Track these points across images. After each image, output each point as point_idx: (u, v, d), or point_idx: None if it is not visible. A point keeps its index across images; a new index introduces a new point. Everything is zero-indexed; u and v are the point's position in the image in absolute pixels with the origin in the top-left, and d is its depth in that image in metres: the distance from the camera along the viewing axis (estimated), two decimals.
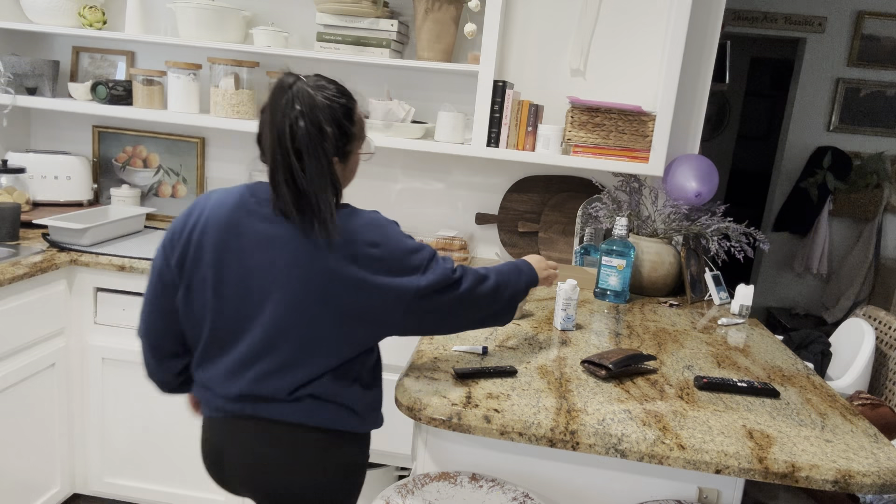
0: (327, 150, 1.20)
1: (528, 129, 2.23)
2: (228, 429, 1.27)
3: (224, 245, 1.22)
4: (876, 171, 4.31)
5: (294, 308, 1.19)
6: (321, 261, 1.18)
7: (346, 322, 1.21)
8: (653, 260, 2.19)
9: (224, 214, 1.23)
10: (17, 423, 1.99)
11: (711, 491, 1.34)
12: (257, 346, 1.22)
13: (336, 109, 1.26)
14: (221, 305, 1.23)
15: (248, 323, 1.22)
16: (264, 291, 1.20)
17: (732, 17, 4.48)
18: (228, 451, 1.28)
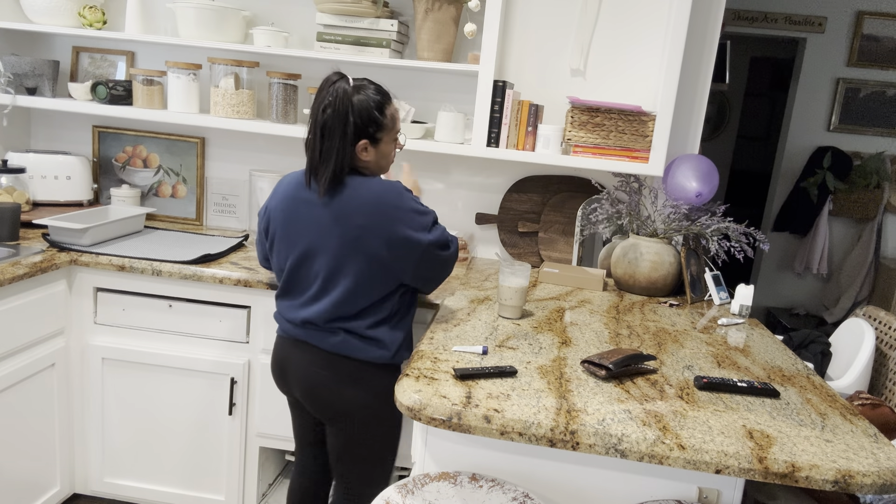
0: (346, 135, 1.53)
1: (528, 129, 2.23)
2: (290, 347, 1.68)
3: (290, 214, 1.61)
4: (876, 171, 4.30)
5: (337, 259, 1.56)
6: (355, 219, 1.54)
7: (371, 268, 1.56)
8: (653, 260, 2.19)
9: (288, 190, 1.63)
10: (17, 423, 1.99)
11: (711, 491, 1.34)
12: (313, 288, 1.61)
13: (368, 104, 1.55)
14: (289, 258, 1.62)
15: (308, 270, 1.61)
16: (317, 247, 1.58)
17: (732, 17, 4.48)
18: (290, 367, 1.67)
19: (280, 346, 1.71)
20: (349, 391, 1.63)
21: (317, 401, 1.65)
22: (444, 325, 1.71)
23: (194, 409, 2.18)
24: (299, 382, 1.66)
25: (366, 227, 1.53)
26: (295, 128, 2.35)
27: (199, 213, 2.71)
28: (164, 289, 2.12)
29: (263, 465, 2.29)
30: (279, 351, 1.71)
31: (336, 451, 1.71)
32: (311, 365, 1.63)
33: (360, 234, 1.54)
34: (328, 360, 1.62)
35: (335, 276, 1.57)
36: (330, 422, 1.68)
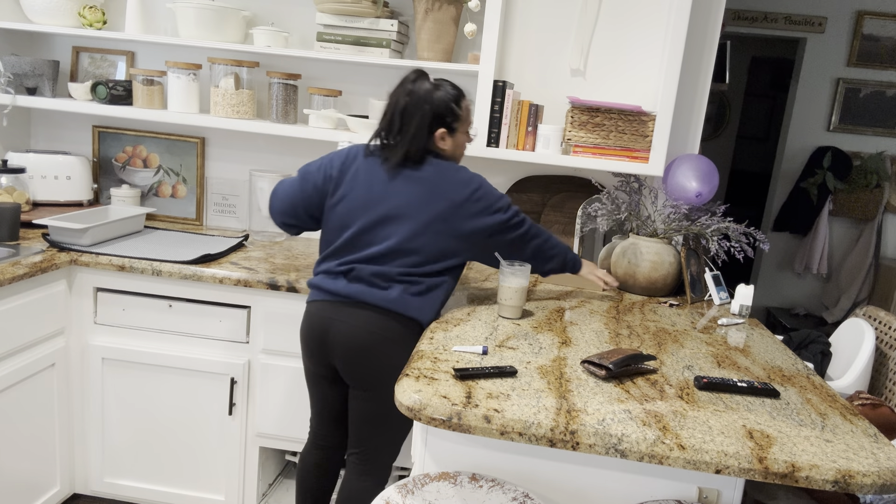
0: (424, 120, 1.71)
1: (528, 129, 2.23)
2: (333, 310, 1.73)
3: (370, 180, 1.74)
4: (876, 171, 4.31)
5: (416, 225, 1.70)
6: (447, 195, 1.71)
7: (453, 240, 1.73)
8: (653, 260, 2.19)
9: (366, 160, 1.77)
10: (17, 422, 1.99)
11: (711, 491, 1.34)
12: (379, 247, 1.71)
13: (446, 97, 1.74)
14: (360, 220, 1.73)
15: (379, 233, 1.72)
16: (397, 213, 1.71)
17: (732, 17, 4.48)
18: (333, 329, 1.72)
19: (321, 309, 1.74)
20: (395, 351, 1.71)
21: (361, 361, 1.70)
22: (444, 325, 1.71)
23: (194, 409, 2.18)
24: (344, 342, 1.70)
25: (451, 206, 1.71)
26: (295, 128, 2.35)
27: (199, 213, 2.72)
28: (164, 289, 2.12)
29: (263, 465, 2.29)
30: (321, 313, 1.74)
31: (363, 416, 1.76)
32: (366, 322, 1.69)
33: (445, 210, 1.70)
34: (381, 317, 1.70)
35: (411, 240, 1.69)
36: (366, 385, 1.73)
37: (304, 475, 1.94)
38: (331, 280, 1.74)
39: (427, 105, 1.70)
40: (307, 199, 1.81)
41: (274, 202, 1.86)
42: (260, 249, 2.41)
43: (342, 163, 1.79)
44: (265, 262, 2.23)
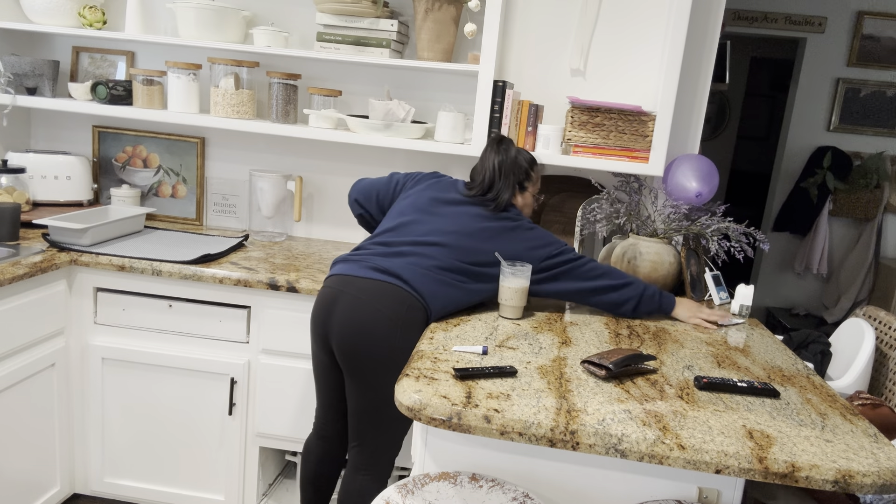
0: (517, 177, 1.94)
1: (528, 129, 2.23)
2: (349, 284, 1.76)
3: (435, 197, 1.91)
4: (876, 171, 4.31)
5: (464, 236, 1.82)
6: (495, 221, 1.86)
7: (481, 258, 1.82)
8: (653, 260, 2.19)
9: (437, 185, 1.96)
10: (17, 423, 1.99)
11: (711, 491, 1.34)
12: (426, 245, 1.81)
13: (524, 163, 1.97)
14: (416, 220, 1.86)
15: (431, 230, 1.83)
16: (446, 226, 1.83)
17: (732, 17, 4.48)
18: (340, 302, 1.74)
19: (334, 282, 1.78)
20: (394, 336, 1.70)
21: (356, 341, 1.70)
22: (444, 325, 1.71)
23: (194, 409, 2.18)
24: (345, 317, 1.71)
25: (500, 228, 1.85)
26: (295, 128, 2.35)
27: (199, 213, 2.72)
28: (164, 289, 2.12)
29: (263, 465, 2.29)
30: (333, 285, 1.77)
31: (359, 408, 1.75)
32: (369, 297, 1.71)
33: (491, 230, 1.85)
34: (390, 297, 1.71)
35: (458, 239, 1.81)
36: (360, 373, 1.72)
37: (307, 465, 1.94)
38: (358, 252, 1.84)
39: (520, 163, 1.94)
40: (385, 190, 2.02)
41: (357, 185, 2.08)
42: (260, 249, 2.41)
43: (427, 176, 2.00)
44: (265, 262, 2.23)
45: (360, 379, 1.73)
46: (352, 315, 1.70)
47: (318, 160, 2.65)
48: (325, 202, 2.67)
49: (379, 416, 1.76)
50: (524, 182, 1.96)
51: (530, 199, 2.01)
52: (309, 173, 2.66)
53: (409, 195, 1.94)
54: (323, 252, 2.46)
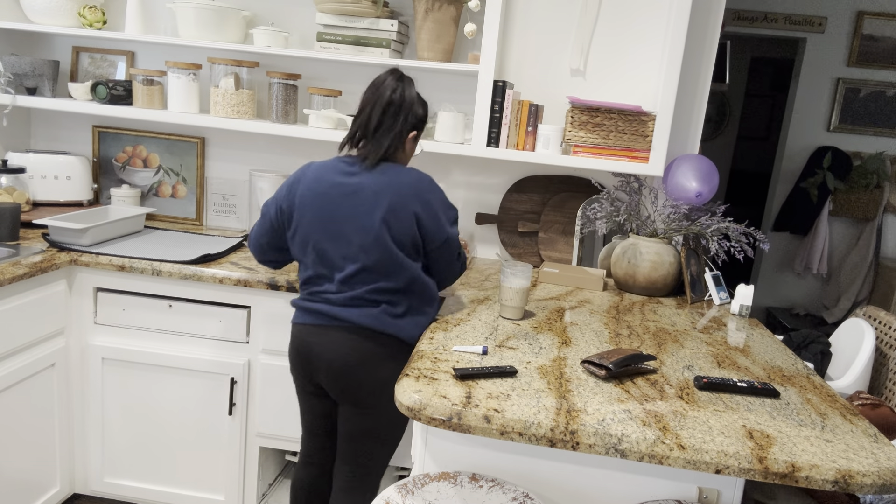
0: (407, 120, 1.71)
1: (528, 129, 2.23)
2: (317, 331, 1.71)
3: (327, 198, 1.68)
4: (876, 171, 4.30)
5: (377, 233, 1.64)
6: (396, 196, 1.65)
7: (406, 240, 1.66)
8: (653, 260, 2.19)
9: (322, 175, 1.71)
10: (17, 423, 1.99)
11: (711, 491, 1.34)
12: (351, 266, 1.67)
13: (423, 102, 1.78)
14: (324, 241, 1.68)
15: (346, 249, 1.67)
16: (358, 225, 1.65)
17: (732, 17, 4.48)
18: (317, 350, 1.70)
19: (304, 332, 1.73)
20: (383, 368, 1.69)
21: (347, 380, 1.69)
22: (444, 325, 1.71)
23: (194, 409, 2.18)
24: (330, 364, 1.69)
25: (404, 203, 1.65)
26: (295, 128, 2.35)
27: (199, 213, 2.72)
28: (164, 289, 2.12)
29: (263, 465, 2.29)
30: (303, 336, 1.73)
31: (355, 432, 1.75)
32: (345, 344, 1.68)
33: (399, 209, 1.65)
34: (364, 337, 1.68)
35: (374, 250, 1.65)
36: (355, 401, 1.71)
37: (297, 494, 1.91)
38: (310, 302, 1.72)
39: (415, 107, 1.72)
40: (278, 232, 1.78)
41: (250, 243, 1.86)
42: None
43: (297, 183, 1.73)
44: None
45: (355, 405, 1.73)
46: (333, 362, 1.69)
47: (318, 160, 2.65)
48: None
49: (375, 438, 1.75)
50: (420, 129, 1.78)
51: (414, 147, 1.84)
52: None
53: (296, 227, 1.72)
54: None
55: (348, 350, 1.68)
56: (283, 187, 1.77)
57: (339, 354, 1.68)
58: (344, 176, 1.69)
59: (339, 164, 1.73)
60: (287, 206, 1.73)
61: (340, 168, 1.71)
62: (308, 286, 1.74)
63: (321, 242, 1.69)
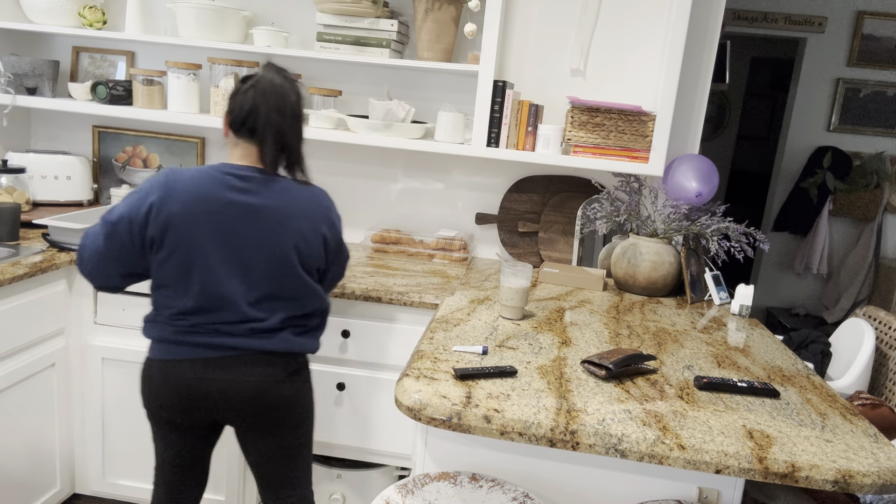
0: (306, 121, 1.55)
1: (528, 129, 2.24)
2: (218, 367, 1.51)
3: (213, 216, 1.46)
4: (876, 171, 4.31)
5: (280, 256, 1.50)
6: (302, 214, 1.52)
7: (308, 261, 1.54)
8: (653, 260, 2.19)
9: (204, 191, 1.47)
10: (17, 423, 1.99)
11: (711, 491, 1.34)
12: (254, 292, 1.50)
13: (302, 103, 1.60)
14: (217, 268, 1.47)
15: (247, 274, 1.49)
16: (258, 246, 1.49)
17: (732, 17, 4.48)
18: (224, 389, 1.51)
19: (190, 369, 1.50)
20: (292, 386, 1.57)
21: (267, 410, 1.54)
22: (444, 325, 1.71)
23: None
24: (241, 398, 1.51)
25: (314, 227, 1.54)
26: None
27: None
28: None
29: None
30: (191, 373, 1.50)
31: (293, 450, 1.63)
32: (254, 373, 1.51)
33: (309, 233, 1.53)
34: (270, 363, 1.53)
35: (280, 277, 1.50)
36: (277, 428, 1.58)
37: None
38: (197, 335, 1.50)
39: (302, 107, 1.56)
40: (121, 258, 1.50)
41: (84, 266, 1.53)
42: None
43: (169, 199, 1.46)
44: None
45: (276, 431, 1.59)
46: (245, 389, 1.51)
47: (318, 160, 2.65)
48: None
49: (308, 449, 1.69)
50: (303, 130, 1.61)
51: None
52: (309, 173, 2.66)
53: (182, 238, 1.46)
54: None
55: (259, 379, 1.52)
56: (140, 201, 1.46)
57: (250, 385, 1.51)
58: (237, 193, 1.47)
59: (226, 177, 1.48)
60: (157, 227, 1.45)
61: (229, 182, 1.48)
62: (187, 317, 1.49)
63: (212, 269, 1.46)
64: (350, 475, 2.21)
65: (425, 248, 2.49)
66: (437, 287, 2.11)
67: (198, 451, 1.65)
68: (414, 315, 2.04)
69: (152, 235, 1.46)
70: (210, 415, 1.55)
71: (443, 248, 2.49)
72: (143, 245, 1.48)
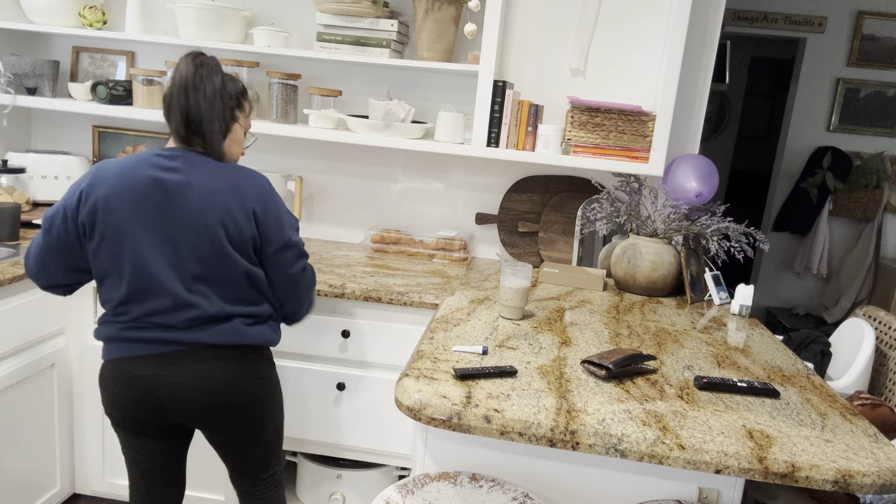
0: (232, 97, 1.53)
1: (528, 129, 2.24)
2: (165, 365, 1.48)
3: (141, 200, 1.44)
4: (876, 171, 4.31)
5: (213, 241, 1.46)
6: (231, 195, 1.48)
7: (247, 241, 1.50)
8: (653, 260, 2.19)
9: (134, 174, 1.45)
10: (17, 423, 1.99)
11: (711, 491, 1.34)
12: (192, 283, 1.46)
13: (235, 79, 1.58)
14: (149, 254, 1.44)
15: (179, 261, 1.46)
16: (186, 232, 1.45)
17: (732, 17, 4.48)
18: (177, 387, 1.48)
19: (137, 366, 1.47)
20: (252, 381, 1.54)
21: (221, 408, 1.51)
22: (444, 325, 1.71)
23: None
24: (191, 396, 1.48)
25: (242, 200, 1.48)
26: (295, 128, 2.35)
27: None
28: None
29: None
30: (138, 371, 1.47)
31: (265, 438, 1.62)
32: (204, 369, 1.48)
33: (236, 207, 1.47)
34: (223, 356, 1.49)
35: (210, 257, 1.46)
36: (234, 426, 1.56)
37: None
38: (138, 331, 1.47)
39: (227, 83, 1.51)
40: (71, 247, 1.49)
41: (29, 268, 1.54)
42: None
43: (97, 185, 1.45)
44: None
45: (233, 429, 1.57)
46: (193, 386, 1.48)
47: (319, 160, 2.65)
48: (325, 202, 2.67)
49: (277, 438, 1.67)
50: (235, 109, 1.55)
51: (240, 136, 1.61)
52: (309, 173, 2.66)
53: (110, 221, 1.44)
54: (323, 252, 2.46)
55: (213, 374, 1.48)
56: (72, 191, 1.47)
57: (202, 381, 1.47)
58: (161, 171, 1.45)
59: (153, 157, 1.48)
60: (86, 213, 1.44)
61: (155, 162, 1.47)
62: (126, 308, 1.46)
63: (140, 249, 1.43)
64: (350, 475, 2.21)
65: (425, 248, 2.49)
66: (437, 287, 2.11)
67: (166, 457, 1.61)
68: (414, 315, 2.04)
69: (83, 222, 1.45)
70: (163, 414, 1.51)
71: (443, 248, 2.49)
72: (78, 235, 1.47)
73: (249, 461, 1.64)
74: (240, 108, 1.57)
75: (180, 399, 1.48)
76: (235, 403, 1.53)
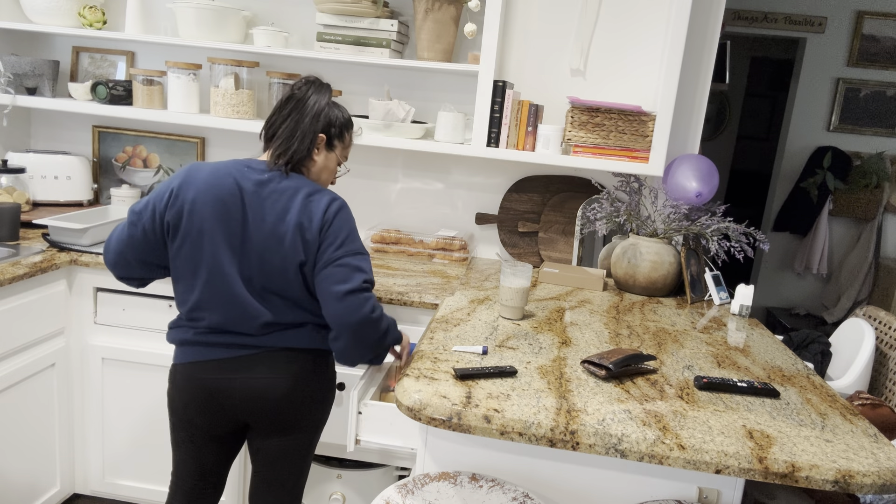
0: (319, 119, 1.56)
1: (528, 129, 2.23)
2: (228, 369, 1.52)
3: (222, 208, 1.47)
4: (876, 171, 4.30)
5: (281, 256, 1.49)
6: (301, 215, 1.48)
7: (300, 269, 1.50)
8: (653, 260, 2.19)
9: (222, 179, 1.49)
10: (17, 423, 1.99)
11: (711, 491, 1.34)
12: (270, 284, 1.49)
13: (341, 111, 1.63)
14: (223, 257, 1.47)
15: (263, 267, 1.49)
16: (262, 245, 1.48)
17: (732, 17, 4.48)
18: (237, 389, 1.52)
19: (211, 370, 1.52)
20: (313, 385, 1.58)
21: (286, 409, 1.55)
22: (444, 325, 1.71)
23: None
24: (265, 397, 1.53)
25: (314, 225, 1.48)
26: None
27: None
28: (164, 289, 2.12)
29: None
30: (212, 375, 1.52)
31: (280, 458, 1.62)
32: (275, 369, 1.52)
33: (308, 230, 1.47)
34: (291, 359, 1.54)
35: (284, 275, 1.49)
36: (289, 429, 1.59)
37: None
38: (214, 335, 1.52)
39: (325, 108, 1.56)
40: (142, 247, 1.52)
41: (108, 256, 1.56)
42: None
43: (173, 195, 1.48)
44: None
45: (287, 431, 1.60)
46: (268, 387, 1.52)
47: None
48: None
49: (309, 455, 1.67)
50: (332, 137, 1.59)
51: (333, 164, 1.64)
52: None
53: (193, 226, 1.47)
54: None
55: (281, 375, 1.53)
56: (164, 187, 1.51)
57: (272, 383, 1.52)
58: (249, 183, 1.49)
59: (244, 168, 1.51)
60: (173, 213, 1.47)
61: (245, 173, 1.50)
62: (200, 314, 1.51)
63: (218, 259, 1.46)
64: (350, 475, 2.21)
65: (425, 248, 2.49)
66: (437, 287, 2.11)
67: (220, 459, 1.66)
68: (414, 315, 2.04)
69: (168, 221, 1.48)
70: (234, 415, 1.56)
71: (443, 248, 2.49)
72: (162, 233, 1.50)
73: (272, 473, 1.63)
74: (340, 138, 1.61)
75: (254, 399, 1.53)
76: (299, 405, 1.57)
